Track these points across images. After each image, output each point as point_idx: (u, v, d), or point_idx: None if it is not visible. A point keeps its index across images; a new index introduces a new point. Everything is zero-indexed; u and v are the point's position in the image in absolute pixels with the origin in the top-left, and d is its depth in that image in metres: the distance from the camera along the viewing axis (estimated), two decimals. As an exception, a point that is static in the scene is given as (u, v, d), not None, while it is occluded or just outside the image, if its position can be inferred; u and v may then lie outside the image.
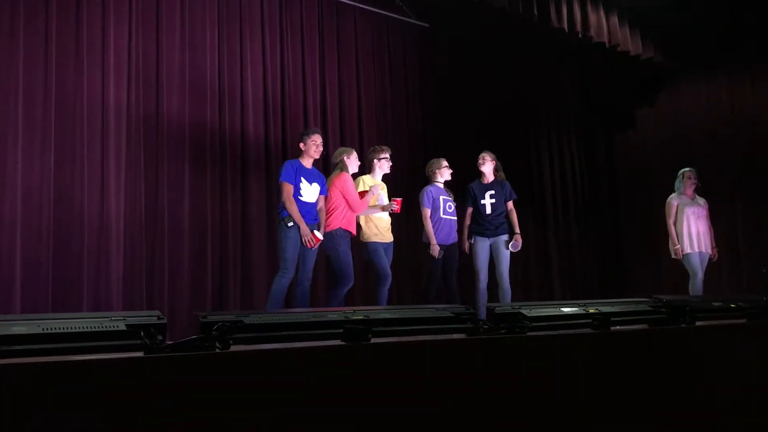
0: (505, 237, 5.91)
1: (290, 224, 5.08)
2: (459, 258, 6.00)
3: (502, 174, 6.10)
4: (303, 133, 5.47)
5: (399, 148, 7.58)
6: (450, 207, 5.92)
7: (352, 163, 5.59)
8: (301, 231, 5.09)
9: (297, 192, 5.17)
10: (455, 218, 5.93)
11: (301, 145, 5.35)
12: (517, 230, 5.95)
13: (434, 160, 6.12)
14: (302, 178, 5.21)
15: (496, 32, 8.14)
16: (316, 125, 7.10)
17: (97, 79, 5.72)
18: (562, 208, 9.29)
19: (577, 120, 9.69)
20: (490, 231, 5.93)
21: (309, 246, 5.12)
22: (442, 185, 6.02)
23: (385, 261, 5.60)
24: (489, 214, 5.94)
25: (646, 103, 9.38)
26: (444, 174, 6.02)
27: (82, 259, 5.44)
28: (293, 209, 5.11)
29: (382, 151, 5.83)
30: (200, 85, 6.34)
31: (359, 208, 5.43)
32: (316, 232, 5.16)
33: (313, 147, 5.32)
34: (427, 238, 5.85)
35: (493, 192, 5.98)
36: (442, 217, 5.88)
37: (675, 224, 6.61)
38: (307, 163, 5.32)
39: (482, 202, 6.01)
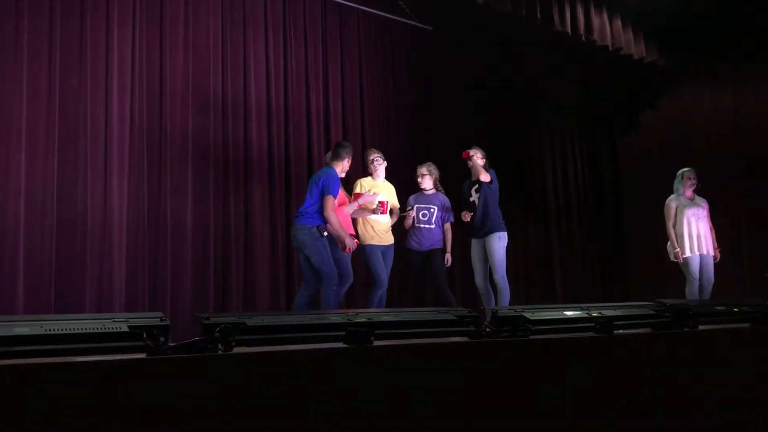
0: (494, 235, 5.74)
1: (325, 234, 5.08)
2: (443, 264, 5.92)
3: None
4: (345, 146, 5.46)
5: (402, 151, 7.59)
6: (425, 215, 5.88)
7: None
8: (347, 243, 5.12)
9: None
10: (431, 226, 5.85)
11: (347, 158, 5.34)
12: (476, 156, 5.78)
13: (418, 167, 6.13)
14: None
15: (499, 35, 8.15)
16: (319, 128, 7.12)
17: (101, 82, 5.72)
18: (565, 211, 9.28)
19: (580, 123, 9.69)
20: (478, 230, 5.82)
21: (348, 251, 5.18)
22: (427, 192, 5.98)
23: (380, 266, 5.60)
24: (477, 213, 5.81)
25: (650, 106, 9.38)
26: (422, 182, 5.99)
27: (85, 261, 5.44)
28: (340, 224, 5.11)
29: (370, 153, 5.91)
30: (203, 88, 6.34)
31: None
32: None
33: (349, 164, 5.42)
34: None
35: (477, 187, 5.88)
36: (416, 226, 5.90)
37: (675, 227, 6.50)
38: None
39: (471, 200, 5.92)
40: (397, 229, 6.01)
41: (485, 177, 5.73)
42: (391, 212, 5.91)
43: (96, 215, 5.56)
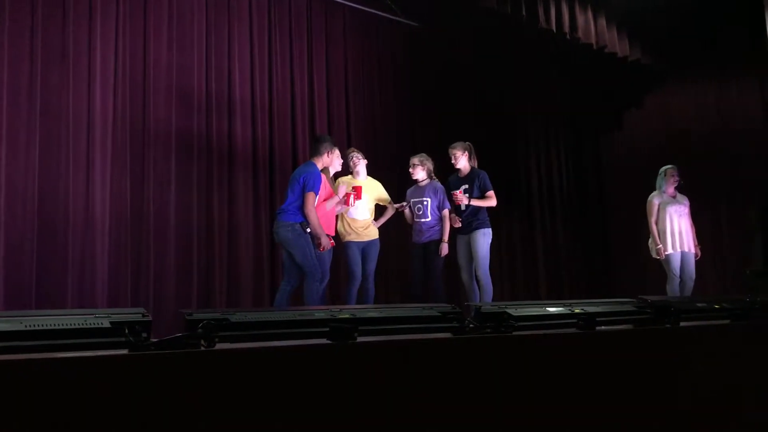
0: (479, 231, 5.75)
1: (308, 230, 5.07)
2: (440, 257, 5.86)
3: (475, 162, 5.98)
4: (323, 140, 5.43)
5: (387, 147, 7.60)
6: (419, 209, 5.87)
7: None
8: (323, 241, 5.09)
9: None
10: (427, 219, 5.81)
11: (327, 153, 5.31)
12: (471, 202, 5.73)
13: None
14: None
15: (484, 32, 8.16)
16: (304, 123, 7.10)
17: (83, 76, 5.67)
18: (549, 208, 9.33)
19: (565, 121, 9.73)
20: (465, 227, 5.82)
21: (321, 250, 5.14)
22: (421, 184, 5.95)
23: (354, 262, 5.63)
24: (463, 210, 5.81)
25: (634, 105, 9.43)
26: (414, 173, 5.96)
27: (67, 256, 5.40)
28: (318, 222, 5.09)
29: (349, 152, 5.89)
30: (187, 83, 6.31)
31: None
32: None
33: (331, 158, 5.38)
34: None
35: (466, 186, 5.86)
36: (414, 220, 5.90)
37: (657, 223, 6.55)
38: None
39: None
40: (397, 224, 6.01)
41: (493, 201, 5.79)
42: (381, 207, 5.91)
43: (78, 210, 5.51)
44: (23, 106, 5.34)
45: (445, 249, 5.78)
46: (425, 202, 5.85)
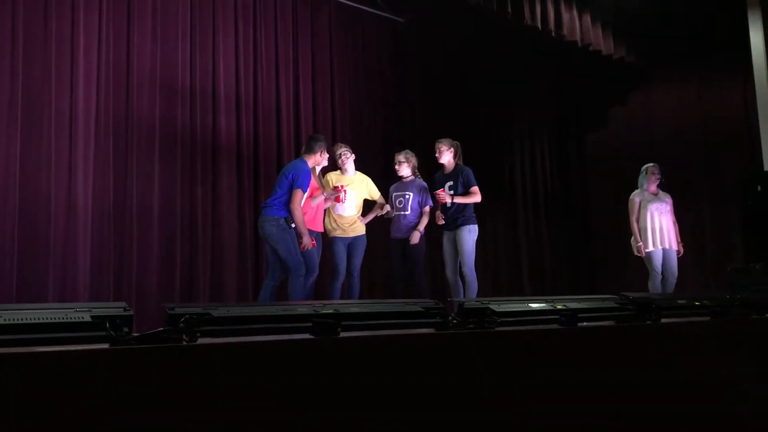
0: (465, 228, 5.76)
1: (293, 225, 5.07)
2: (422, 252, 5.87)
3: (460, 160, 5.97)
4: (319, 140, 5.40)
5: (372, 144, 7.59)
6: (400, 202, 5.88)
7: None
8: (304, 240, 5.08)
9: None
10: (407, 213, 5.82)
11: (320, 152, 5.30)
12: (455, 200, 5.72)
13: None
14: None
15: (470, 29, 8.17)
16: (289, 118, 7.08)
17: (66, 69, 5.62)
18: (533, 205, 9.37)
19: (549, 119, 9.78)
20: (450, 223, 5.82)
21: (303, 249, 5.12)
22: (405, 180, 5.95)
23: (339, 258, 5.65)
24: (449, 207, 5.80)
25: (618, 103, 9.49)
26: (399, 170, 5.96)
27: (49, 249, 5.36)
28: (303, 220, 5.08)
29: (337, 148, 5.88)
30: (171, 76, 6.27)
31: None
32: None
33: (323, 158, 5.37)
34: None
35: (451, 183, 5.87)
36: (394, 214, 5.91)
37: (638, 221, 6.58)
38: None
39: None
40: (384, 220, 6.02)
41: (477, 197, 5.78)
42: (368, 203, 5.92)
43: (60, 203, 5.47)
44: (4, 99, 5.29)
45: (416, 237, 5.76)
46: (407, 196, 5.86)
